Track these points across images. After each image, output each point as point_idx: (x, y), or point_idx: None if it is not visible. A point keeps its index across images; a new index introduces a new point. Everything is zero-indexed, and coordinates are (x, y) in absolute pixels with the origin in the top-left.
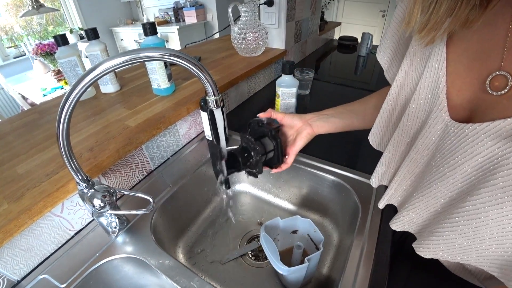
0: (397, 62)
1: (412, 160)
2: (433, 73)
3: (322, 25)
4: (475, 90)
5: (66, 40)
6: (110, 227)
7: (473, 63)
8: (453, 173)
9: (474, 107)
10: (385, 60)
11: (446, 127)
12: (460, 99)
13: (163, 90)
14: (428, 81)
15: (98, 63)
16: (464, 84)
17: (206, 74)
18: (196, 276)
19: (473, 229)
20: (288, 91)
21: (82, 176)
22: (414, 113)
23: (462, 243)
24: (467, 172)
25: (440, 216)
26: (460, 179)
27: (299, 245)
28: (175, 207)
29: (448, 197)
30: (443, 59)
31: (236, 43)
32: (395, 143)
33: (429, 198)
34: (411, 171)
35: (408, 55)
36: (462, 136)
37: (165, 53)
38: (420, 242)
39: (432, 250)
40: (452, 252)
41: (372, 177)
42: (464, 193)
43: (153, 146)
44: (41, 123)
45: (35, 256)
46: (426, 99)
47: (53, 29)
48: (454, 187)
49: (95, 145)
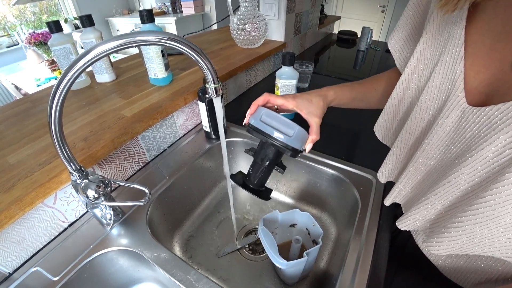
0: (408, 50)
1: (423, 153)
2: (451, 58)
3: (321, 18)
4: (495, 72)
5: (59, 26)
6: (105, 219)
7: (496, 44)
8: (471, 161)
9: (492, 90)
10: (396, 49)
11: (463, 114)
12: (477, 82)
13: (160, 80)
14: (444, 67)
15: (91, 47)
16: (483, 66)
17: (206, 60)
18: (193, 270)
19: (497, 218)
20: (288, 83)
21: (75, 166)
22: (428, 103)
23: (484, 233)
24: (488, 158)
25: (456, 209)
26: (480, 167)
27: (298, 239)
28: (172, 199)
29: (465, 189)
30: (461, 42)
31: (235, 34)
32: (405, 138)
33: (444, 192)
34: (422, 166)
35: (421, 42)
36: (485, 119)
37: (163, 37)
38: (433, 240)
39: (450, 246)
40: (473, 244)
41: (380, 172)
42: (486, 182)
43: (149, 137)
44: (34, 112)
45: (27, 248)
46: (441, 87)
47: (47, 18)
48: (472, 177)
49: (90, 135)
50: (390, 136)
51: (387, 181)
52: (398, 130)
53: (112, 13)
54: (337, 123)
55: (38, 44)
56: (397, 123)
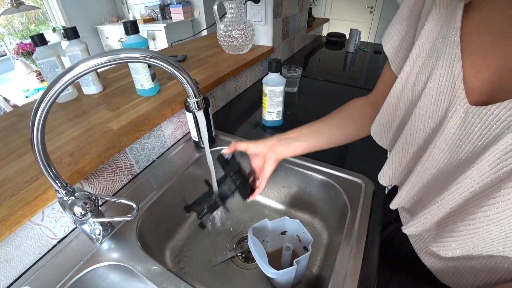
0: (402, 53)
1: (430, 158)
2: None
3: (310, 21)
4: (498, 69)
5: (44, 39)
6: (94, 234)
7: (498, 41)
8: (480, 161)
9: (495, 88)
10: (391, 52)
11: (467, 114)
12: (478, 81)
13: (147, 91)
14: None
15: (74, 64)
16: (485, 65)
17: (185, 75)
18: (183, 282)
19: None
20: (275, 90)
21: (61, 183)
22: (427, 106)
23: (497, 233)
24: (497, 157)
25: (467, 210)
26: (489, 166)
27: (288, 246)
28: (162, 210)
29: (474, 190)
30: (457, 43)
31: (222, 40)
32: (406, 141)
33: (453, 193)
34: (429, 170)
35: (417, 45)
36: (492, 117)
37: (146, 54)
38: (443, 241)
39: (461, 247)
40: (486, 244)
41: (381, 176)
42: (498, 181)
43: (137, 149)
44: (21, 127)
45: (16, 267)
46: (440, 89)
47: (35, 28)
48: (481, 177)
49: (76, 150)
50: (389, 140)
51: (390, 184)
52: (397, 134)
53: (101, 21)
54: None
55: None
56: (395, 127)
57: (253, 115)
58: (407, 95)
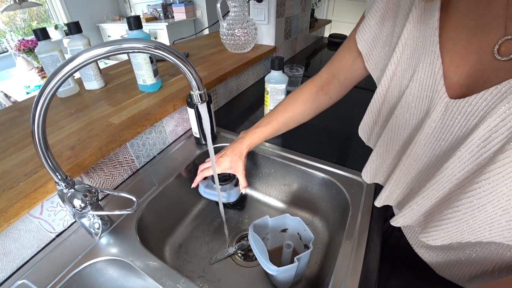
0: (377, 52)
1: (412, 153)
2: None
3: (312, 22)
4: (474, 63)
5: (46, 34)
6: (93, 228)
7: (473, 37)
8: (461, 150)
9: (472, 81)
10: (366, 51)
11: (447, 108)
12: (457, 76)
13: (149, 86)
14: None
15: (75, 54)
16: (462, 60)
17: (190, 67)
18: (182, 278)
19: (493, 201)
20: (277, 87)
21: (61, 176)
22: (410, 104)
23: (482, 218)
24: (476, 144)
25: (451, 198)
26: (469, 154)
27: (289, 244)
28: (162, 206)
29: (457, 178)
30: (436, 42)
31: (225, 39)
32: (388, 138)
33: (438, 184)
34: (412, 166)
35: (399, 45)
36: (470, 108)
37: (149, 45)
38: (430, 230)
39: (449, 234)
40: (473, 230)
41: (363, 173)
42: (478, 167)
43: (138, 144)
44: (21, 121)
45: (13, 260)
46: (422, 86)
47: (37, 25)
48: (463, 165)
49: (77, 143)
50: (373, 138)
51: (372, 182)
52: (380, 131)
53: (103, 19)
54: (328, 127)
55: (27, 51)
56: (379, 126)
57: (255, 114)
58: (392, 94)
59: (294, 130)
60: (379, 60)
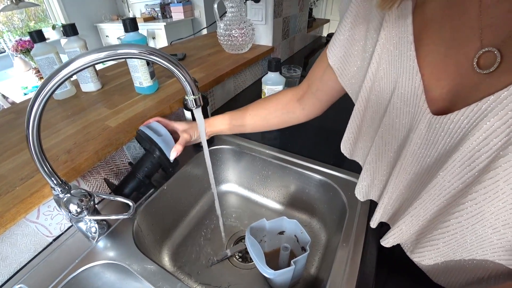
0: (350, 65)
1: (401, 170)
2: (408, 72)
3: (310, 22)
4: (454, 76)
5: (42, 36)
6: (90, 233)
7: (449, 50)
8: (446, 169)
9: (454, 95)
10: (337, 66)
11: (430, 124)
12: (439, 90)
13: (145, 89)
14: (403, 83)
15: (71, 59)
16: (443, 73)
17: (184, 72)
18: (179, 282)
19: (482, 221)
20: (274, 89)
21: (57, 180)
22: (394, 120)
23: (472, 238)
24: (460, 164)
25: (440, 218)
26: (453, 174)
27: (286, 246)
28: (159, 209)
29: (444, 196)
30: (413, 57)
31: (222, 39)
32: (376, 155)
33: (425, 203)
34: (401, 183)
35: (374, 61)
36: (453, 125)
37: (143, 50)
38: (422, 250)
39: (441, 254)
40: (465, 249)
41: (356, 191)
42: (464, 187)
43: (135, 147)
44: (18, 123)
45: (10, 265)
46: (404, 102)
47: (34, 25)
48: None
49: (73, 147)
50: (358, 153)
51: (366, 199)
52: (365, 146)
53: (101, 18)
54: (326, 128)
55: (25, 52)
56: (363, 141)
57: None
58: (373, 111)
59: (291, 132)
60: (352, 76)
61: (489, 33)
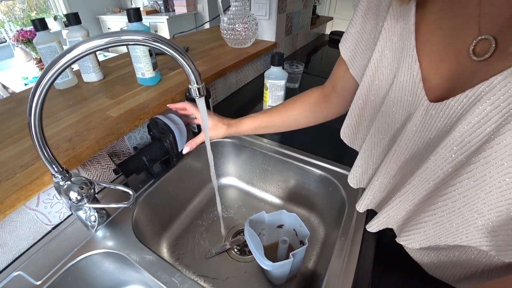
0: (359, 56)
1: (394, 157)
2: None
3: (313, 19)
4: (452, 65)
5: (45, 24)
6: (89, 221)
7: (449, 39)
8: (436, 154)
9: (452, 83)
10: (347, 56)
11: (427, 111)
12: (437, 78)
13: (147, 80)
14: (403, 71)
15: (73, 45)
16: (441, 62)
17: (188, 60)
18: (178, 272)
19: (469, 205)
20: (277, 83)
21: (57, 168)
22: (391, 108)
23: (459, 221)
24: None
25: (428, 201)
26: (444, 158)
27: (285, 239)
28: (159, 200)
29: (433, 180)
30: (413, 46)
31: (225, 33)
32: (371, 143)
33: (414, 188)
34: (393, 169)
35: (377, 50)
36: (449, 111)
37: (147, 37)
38: (408, 233)
39: (426, 238)
40: (450, 233)
41: (349, 178)
42: (454, 171)
43: (136, 137)
44: (18, 112)
45: (9, 252)
46: (403, 90)
47: (36, 15)
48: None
49: (74, 136)
50: (358, 140)
51: (358, 187)
52: (364, 135)
53: (103, 11)
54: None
55: (26, 42)
56: (363, 129)
57: (254, 109)
58: (374, 98)
59: None
60: (362, 66)
61: (487, 21)
